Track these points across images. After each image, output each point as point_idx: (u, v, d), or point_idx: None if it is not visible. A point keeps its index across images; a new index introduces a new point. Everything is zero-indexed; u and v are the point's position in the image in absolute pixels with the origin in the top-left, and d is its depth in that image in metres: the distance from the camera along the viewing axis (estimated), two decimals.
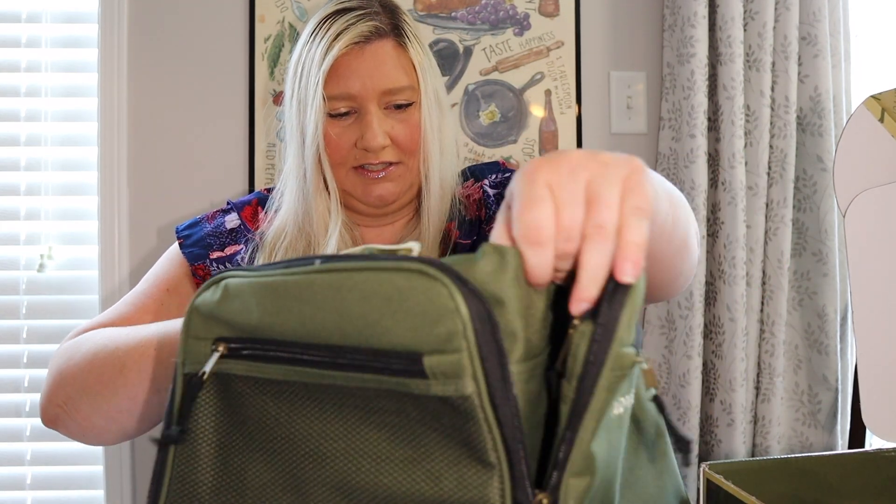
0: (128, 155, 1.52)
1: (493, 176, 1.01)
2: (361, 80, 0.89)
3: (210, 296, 0.54)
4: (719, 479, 0.74)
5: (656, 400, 0.48)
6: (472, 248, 0.93)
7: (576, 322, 0.44)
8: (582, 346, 0.43)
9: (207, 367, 0.52)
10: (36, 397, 1.52)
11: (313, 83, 0.89)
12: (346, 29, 0.88)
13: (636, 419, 0.56)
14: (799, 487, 0.77)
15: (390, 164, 0.92)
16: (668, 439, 0.59)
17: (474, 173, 1.03)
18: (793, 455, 0.81)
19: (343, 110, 0.90)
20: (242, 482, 0.53)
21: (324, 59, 0.88)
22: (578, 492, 0.43)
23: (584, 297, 0.44)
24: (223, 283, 0.53)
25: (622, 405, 0.46)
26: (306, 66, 0.91)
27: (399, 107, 0.91)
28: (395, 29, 0.91)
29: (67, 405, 0.77)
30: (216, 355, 0.52)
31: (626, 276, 0.43)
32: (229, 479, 0.54)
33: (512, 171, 1.01)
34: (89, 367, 0.76)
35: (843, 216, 1.25)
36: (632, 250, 0.44)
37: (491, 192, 0.98)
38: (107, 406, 0.75)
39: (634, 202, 0.45)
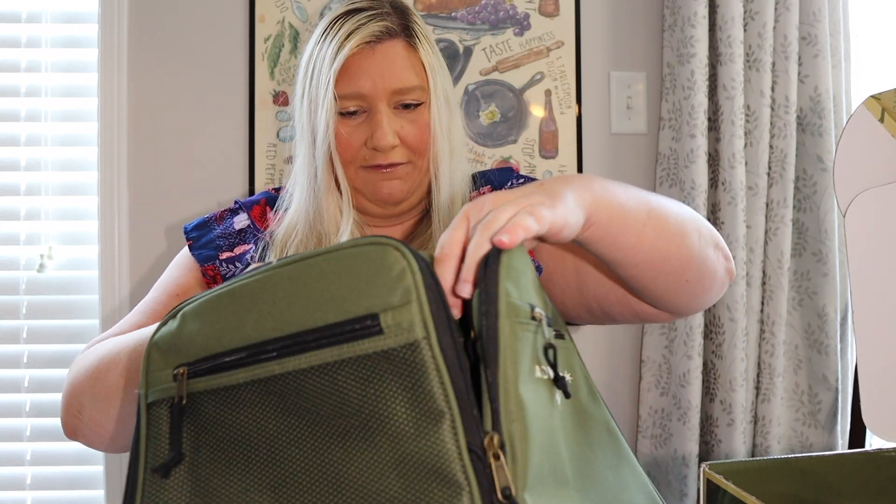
0: (128, 155, 1.52)
1: (509, 183, 1.01)
2: (372, 79, 0.89)
3: (167, 329, 0.57)
4: (719, 479, 0.74)
5: (551, 347, 0.53)
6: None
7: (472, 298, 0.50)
8: (476, 304, 0.49)
9: (183, 393, 0.54)
10: (36, 397, 1.53)
11: (324, 82, 0.89)
12: (357, 29, 0.89)
13: (582, 419, 0.57)
14: (800, 487, 0.77)
15: (399, 163, 0.92)
16: (623, 441, 0.61)
17: (490, 180, 1.03)
18: (793, 455, 0.81)
19: (353, 109, 0.91)
20: (216, 493, 0.54)
21: (335, 58, 0.89)
22: (522, 437, 0.46)
23: (463, 277, 0.51)
24: (180, 313, 0.57)
25: (544, 373, 0.52)
26: (317, 65, 0.91)
27: (408, 106, 0.92)
28: (405, 29, 0.92)
29: (82, 414, 0.80)
30: (180, 382, 0.55)
31: (501, 242, 0.51)
32: (202, 493, 0.54)
33: (526, 178, 1.02)
34: (96, 374, 0.79)
35: (844, 216, 1.25)
36: (509, 226, 0.52)
37: None
38: (114, 410, 0.78)
39: (528, 203, 0.55)
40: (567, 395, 0.53)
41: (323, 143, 0.91)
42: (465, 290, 0.50)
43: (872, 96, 1.25)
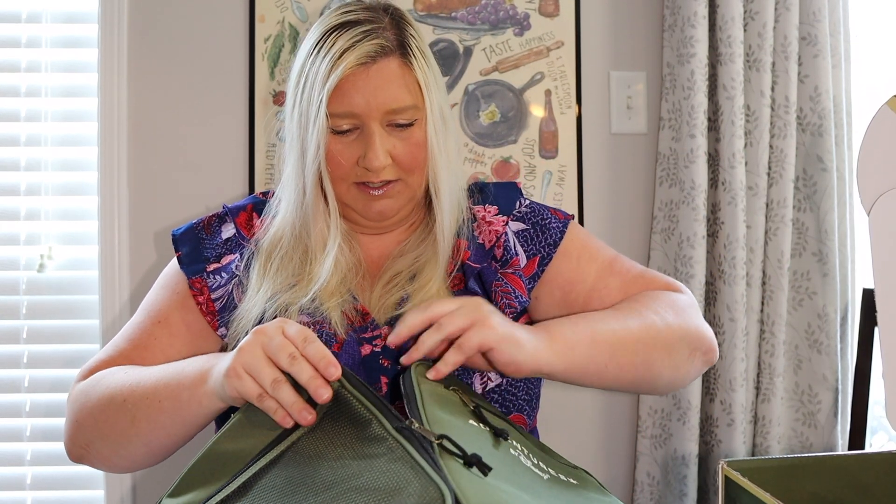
0: (128, 155, 1.52)
1: (517, 204, 1.01)
2: (365, 99, 0.87)
3: None
4: (736, 476, 0.74)
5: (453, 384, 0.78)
6: (479, 276, 0.95)
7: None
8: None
9: None
10: (36, 397, 1.53)
11: (316, 100, 0.88)
12: (351, 47, 0.87)
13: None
14: (819, 486, 0.77)
15: (391, 181, 0.92)
16: None
17: (495, 199, 1.02)
18: (813, 454, 0.81)
19: (346, 128, 0.89)
20: None
21: (328, 77, 0.87)
22: (442, 426, 0.66)
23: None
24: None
25: (483, 427, 0.72)
26: (310, 79, 0.89)
27: (401, 125, 0.90)
28: (401, 46, 0.90)
29: (89, 448, 0.86)
30: None
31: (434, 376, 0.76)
32: None
33: (532, 202, 1.02)
34: (103, 416, 0.84)
35: (868, 215, 1.25)
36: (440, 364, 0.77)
37: (511, 234, 0.98)
38: (124, 451, 0.84)
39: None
40: (505, 438, 0.71)
41: (313, 162, 0.90)
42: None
43: (895, 95, 1.25)
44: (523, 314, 0.98)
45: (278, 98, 1.54)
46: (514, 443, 0.73)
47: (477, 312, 0.78)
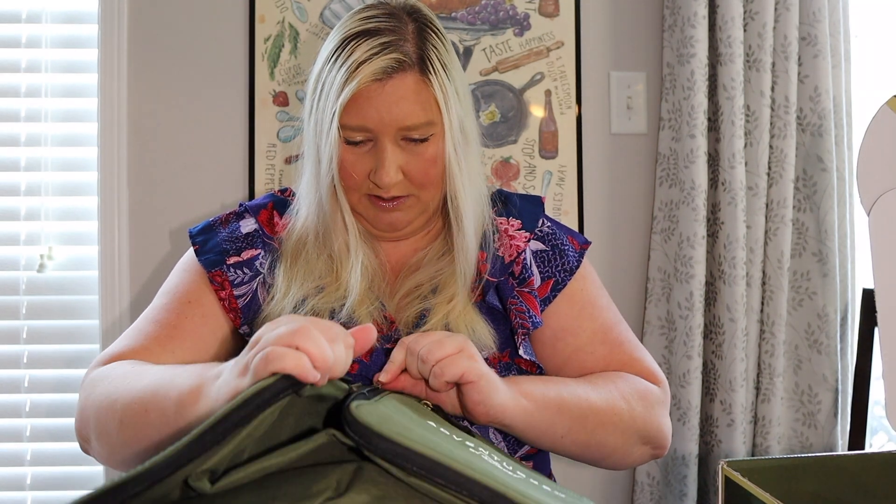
0: (128, 155, 1.52)
1: (540, 221, 1.00)
2: (379, 114, 0.86)
3: None
4: (736, 476, 0.74)
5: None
6: (497, 289, 0.94)
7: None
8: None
9: None
10: (36, 397, 1.53)
11: (330, 112, 0.86)
12: (367, 60, 0.85)
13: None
14: (819, 486, 0.77)
15: (401, 196, 0.91)
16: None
17: (520, 213, 1.00)
18: (813, 454, 0.81)
19: (359, 139, 0.88)
20: None
21: (342, 89, 0.85)
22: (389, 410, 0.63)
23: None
24: None
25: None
26: (325, 88, 0.88)
27: (415, 140, 0.88)
28: (420, 60, 0.87)
29: (98, 440, 0.80)
30: None
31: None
32: None
33: (553, 221, 1.01)
34: (97, 413, 0.79)
35: (868, 215, 1.25)
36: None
37: (530, 253, 0.97)
38: (119, 456, 0.79)
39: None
40: (472, 434, 0.70)
41: (327, 174, 0.89)
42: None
43: (895, 96, 1.25)
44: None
45: (278, 98, 1.54)
46: (486, 450, 0.64)
47: (465, 344, 0.75)
